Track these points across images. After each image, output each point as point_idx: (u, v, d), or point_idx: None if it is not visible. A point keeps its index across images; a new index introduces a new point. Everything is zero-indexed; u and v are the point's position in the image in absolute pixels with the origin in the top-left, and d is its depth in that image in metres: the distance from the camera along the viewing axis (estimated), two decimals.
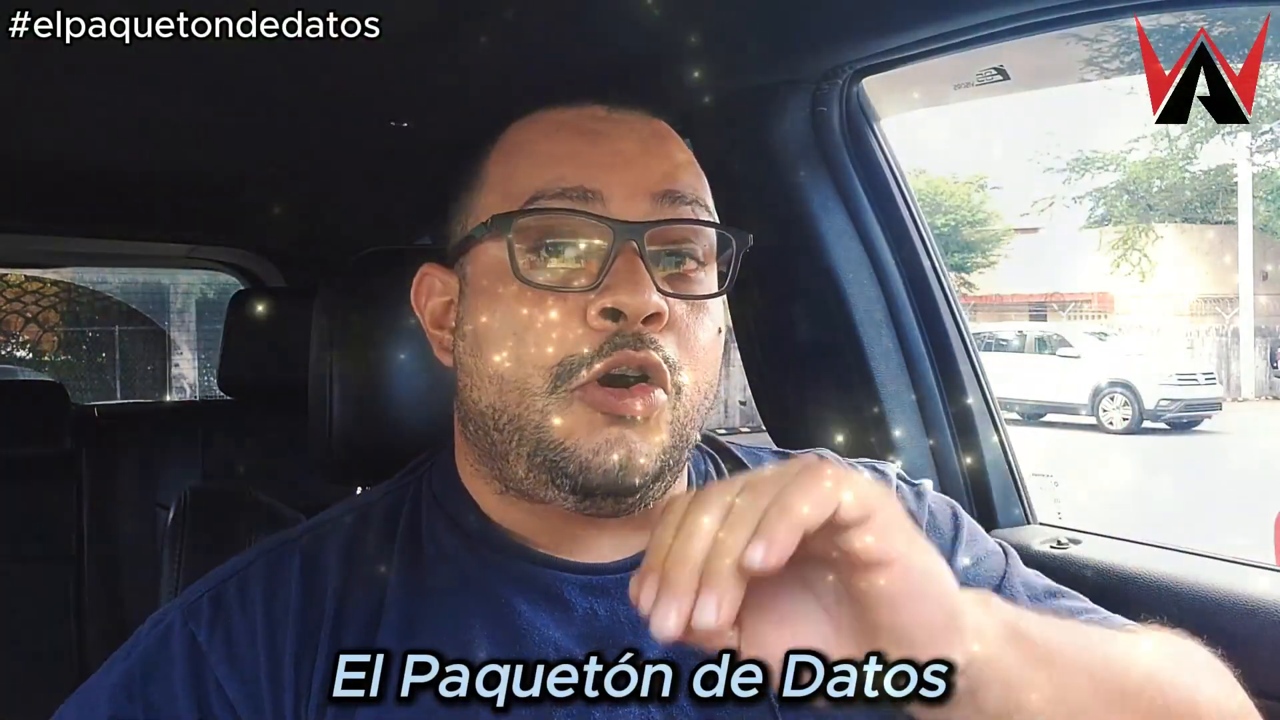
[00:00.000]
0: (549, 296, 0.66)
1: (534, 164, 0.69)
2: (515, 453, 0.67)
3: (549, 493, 0.66)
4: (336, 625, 0.67)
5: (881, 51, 1.10)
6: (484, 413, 0.68)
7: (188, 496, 1.14)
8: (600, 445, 0.65)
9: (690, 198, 0.70)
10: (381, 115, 1.40)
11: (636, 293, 0.64)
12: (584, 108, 0.72)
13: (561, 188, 0.67)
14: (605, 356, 0.64)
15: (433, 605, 0.68)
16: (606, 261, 0.65)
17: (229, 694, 0.64)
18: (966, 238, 18.83)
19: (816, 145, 1.22)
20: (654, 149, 0.71)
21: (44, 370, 10.10)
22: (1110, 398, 12.49)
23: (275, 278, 2.69)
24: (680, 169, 0.71)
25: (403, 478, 0.78)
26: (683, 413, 0.68)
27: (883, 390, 1.21)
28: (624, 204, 0.67)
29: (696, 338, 0.68)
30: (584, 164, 0.68)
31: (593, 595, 0.69)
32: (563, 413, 0.65)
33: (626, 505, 0.67)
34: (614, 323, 0.65)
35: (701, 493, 0.53)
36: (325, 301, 0.98)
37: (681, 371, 0.67)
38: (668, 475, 0.68)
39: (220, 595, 0.68)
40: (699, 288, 0.69)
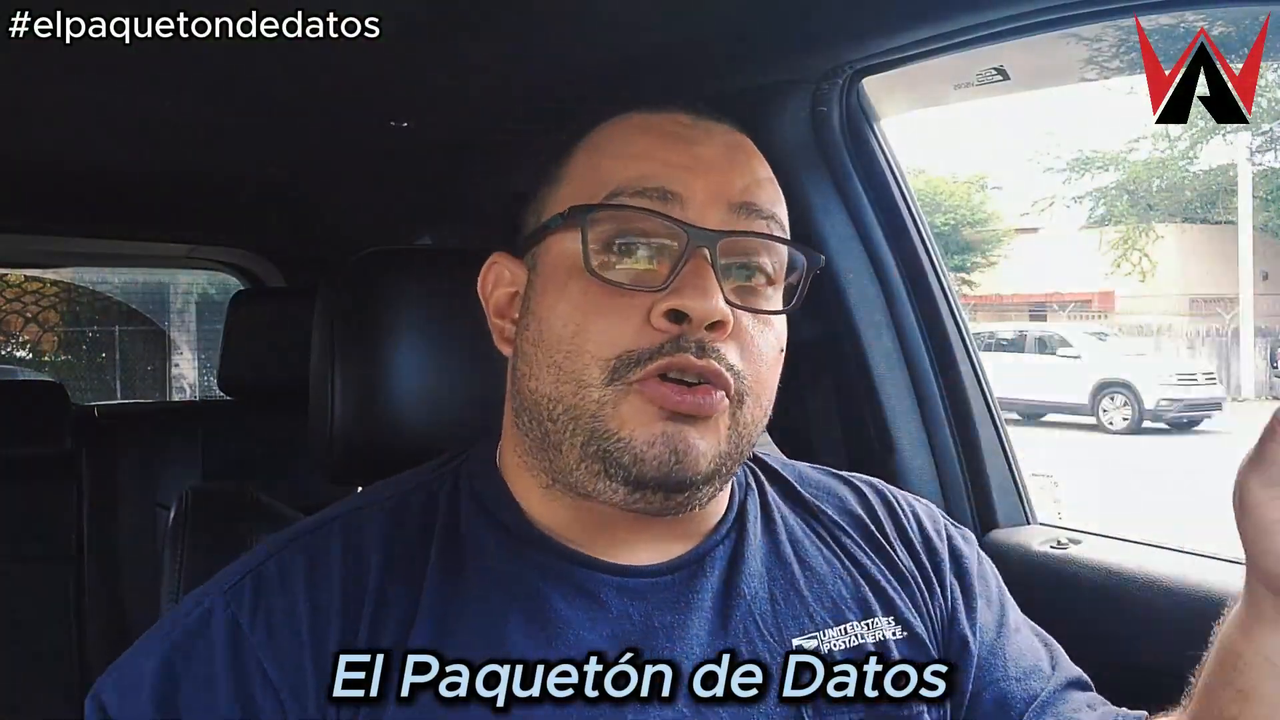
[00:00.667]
0: (616, 292, 0.66)
1: (616, 160, 0.70)
2: (569, 442, 0.67)
3: (600, 484, 0.66)
4: (377, 616, 0.66)
5: (881, 51, 1.10)
6: (539, 402, 0.68)
7: (188, 496, 1.14)
8: (656, 437, 0.65)
9: (767, 213, 0.70)
10: (381, 115, 1.40)
11: (703, 298, 0.64)
12: (671, 113, 0.73)
13: (642, 186, 0.68)
14: (665, 355, 0.65)
15: (469, 599, 0.68)
16: (677, 265, 0.66)
17: (272, 677, 0.64)
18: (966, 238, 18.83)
19: (816, 145, 1.22)
20: (737, 160, 0.72)
21: (44, 370, 10.08)
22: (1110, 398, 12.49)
23: (275, 278, 2.69)
24: (760, 184, 0.72)
25: (438, 468, 0.77)
26: (742, 423, 0.68)
27: (883, 390, 1.21)
28: (702, 210, 0.67)
29: (761, 351, 0.68)
30: (666, 165, 0.69)
31: (628, 597, 0.69)
32: (618, 404, 0.65)
33: (675, 502, 0.67)
34: (678, 325, 0.65)
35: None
36: (325, 301, 0.98)
37: (744, 380, 0.67)
38: (718, 480, 0.68)
39: (261, 577, 0.68)
40: (766, 303, 0.70)
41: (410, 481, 0.76)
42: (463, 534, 0.71)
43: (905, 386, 1.22)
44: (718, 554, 0.72)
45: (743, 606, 0.70)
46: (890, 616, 0.73)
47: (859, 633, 0.71)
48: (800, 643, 0.70)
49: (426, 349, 0.92)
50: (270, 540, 0.72)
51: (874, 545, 0.77)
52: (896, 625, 0.73)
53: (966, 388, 1.23)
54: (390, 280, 0.95)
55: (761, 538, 0.74)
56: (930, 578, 0.77)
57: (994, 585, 0.80)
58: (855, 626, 0.72)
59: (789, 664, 0.68)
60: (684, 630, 0.68)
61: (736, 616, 0.70)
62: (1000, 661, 0.75)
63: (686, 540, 0.72)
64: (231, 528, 1.09)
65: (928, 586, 0.76)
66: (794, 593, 0.72)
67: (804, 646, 0.69)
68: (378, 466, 0.85)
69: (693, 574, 0.71)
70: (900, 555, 0.77)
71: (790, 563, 0.74)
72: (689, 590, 0.70)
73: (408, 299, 0.93)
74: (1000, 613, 0.78)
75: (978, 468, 1.22)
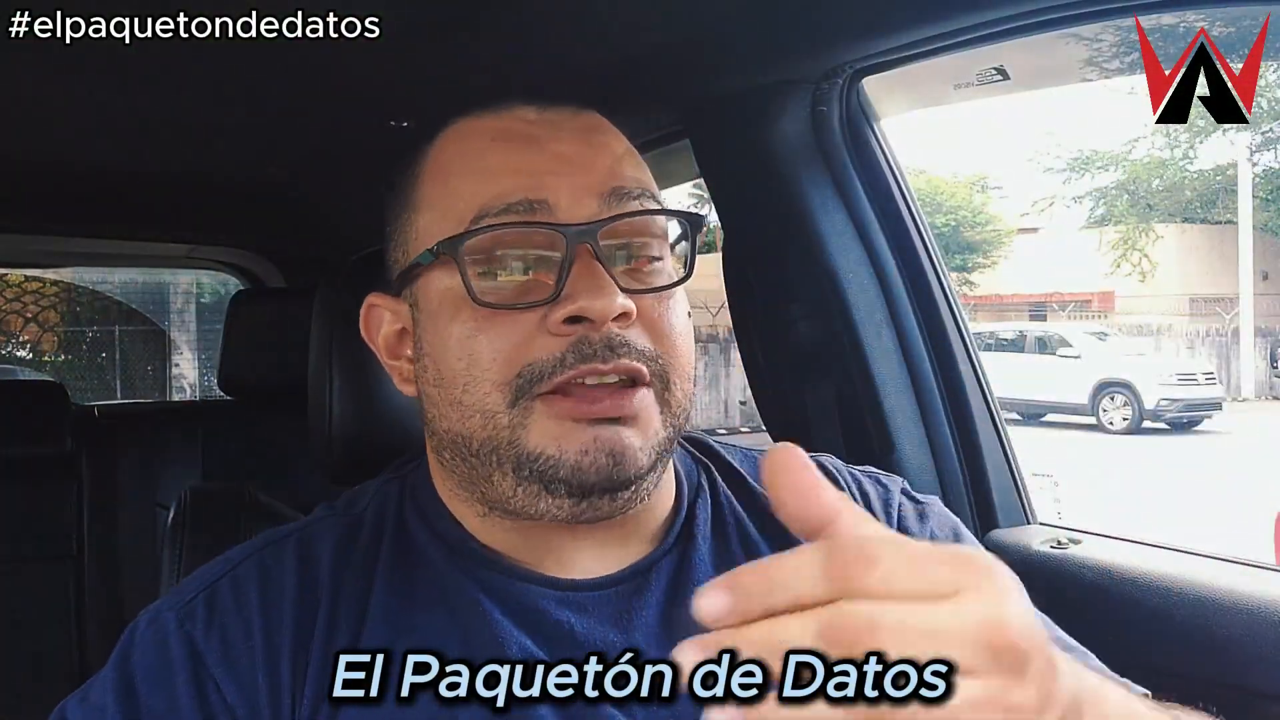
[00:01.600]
0: (506, 314, 0.64)
1: (473, 180, 0.67)
2: (499, 472, 0.66)
3: (543, 503, 0.65)
4: (330, 628, 0.66)
5: (881, 51, 1.10)
6: (456, 441, 0.67)
7: (188, 496, 1.14)
8: (588, 444, 0.64)
9: (637, 190, 0.68)
10: (381, 115, 1.40)
11: (600, 295, 0.63)
12: (512, 110, 0.70)
13: (506, 203, 0.65)
14: (570, 367, 0.63)
15: (415, 612, 0.67)
16: (563, 269, 0.64)
17: (227, 696, 0.64)
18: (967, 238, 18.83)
19: (816, 145, 1.22)
20: (594, 145, 0.69)
21: (44, 370, 10.09)
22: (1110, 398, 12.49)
23: (275, 278, 2.69)
24: (621, 162, 0.69)
25: (390, 475, 0.77)
26: (675, 403, 0.67)
27: (883, 390, 1.21)
28: (571, 209, 0.65)
29: (670, 325, 0.67)
30: (525, 174, 0.66)
31: (570, 611, 0.68)
32: (528, 424, 0.64)
33: (622, 500, 0.66)
34: (579, 326, 0.63)
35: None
36: (325, 301, 0.98)
37: (661, 360, 0.66)
38: (660, 466, 0.67)
39: (214, 596, 0.68)
40: (661, 278, 0.68)
41: (366, 491, 0.75)
42: (410, 546, 0.71)
43: (905, 386, 1.22)
44: (664, 565, 0.71)
45: (685, 620, 0.70)
46: None
47: None
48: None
49: None
50: (231, 552, 0.71)
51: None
52: None
53: (966, 388, 1.23)
54: None
55: (711, 542, 0.73)
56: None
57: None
58: None
59: (789, 664, 0.68)
60: (628, 647, 0.67)
61: (681, 629, 0.69)
62: None
63: (632, 547, 0.71)
64: (231, 528, 1.09)
65: None
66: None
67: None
68: (377, 466, 0.85)
69: (638, 587, 0.70)
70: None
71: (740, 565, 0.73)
72: (633, 605, 0.69)
73: None
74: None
75: (978, 468, 1.22)
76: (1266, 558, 2.22)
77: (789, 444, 0.46)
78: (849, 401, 1.23)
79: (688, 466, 0.77)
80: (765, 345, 1.30)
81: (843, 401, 1.24)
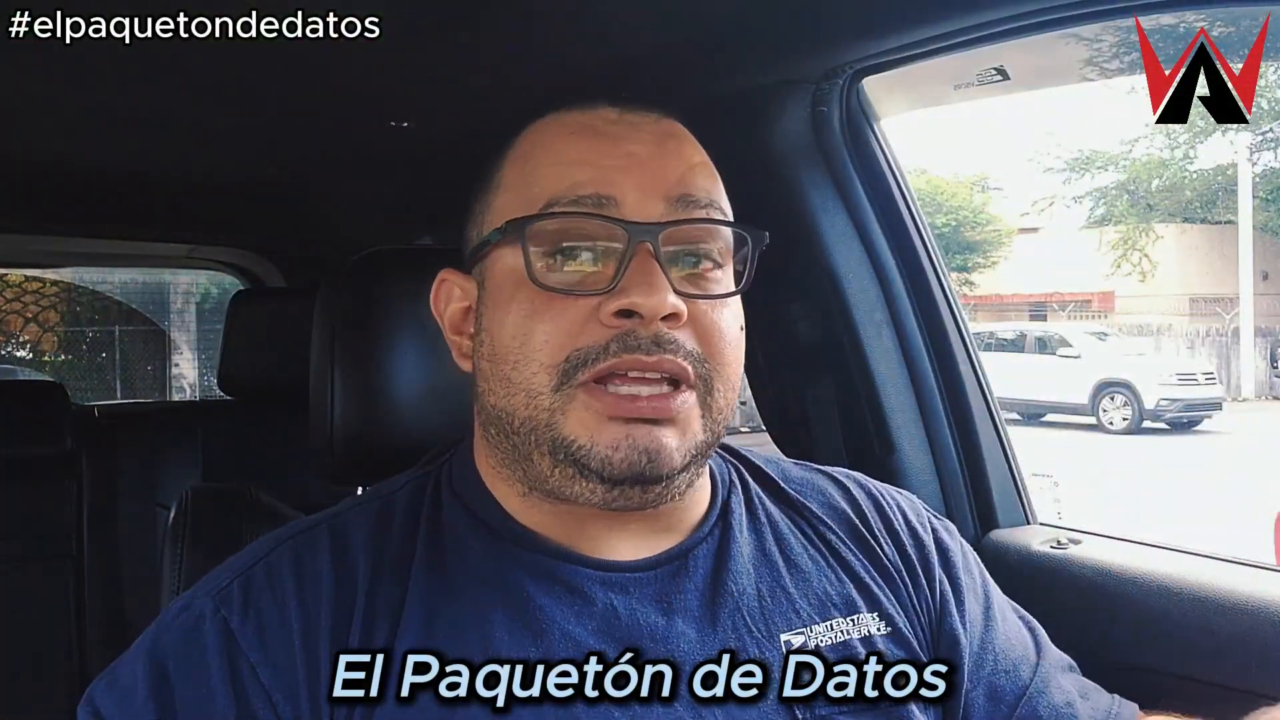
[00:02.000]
0: (564, 298, 0.66)
1: (549, 169, 0.70)
2: (538, 452, 0.67)
3: (577, 486, 0.67)
4: (369, 615, 0.66)
5: (881, 51, 1.10)
6: (500, 417, 0.69)
7: (188, 496, 1.14)
8: (619, 440, 0.65)
9: (705, 200, 0.70)
10: (381, 115, 1.40)
11: (652, 293, 0.64)
12: (596, 109, 0.72)
13: (576, 195, 0.67)
14: (614, 356, 0.65)
15: (454, 598, 0.68)
16: (622, 263, 0.66)
17: (264, 680, 0.64)
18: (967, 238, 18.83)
19: (816, 145, 1.22)
20: (668, 150, 0.71)
21: (44, 370, 10.09)
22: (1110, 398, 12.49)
23: (275, 278, 2.69)
24: (694, 171, 0.71)
25: (424, 467, 0.78)
26: (716, 408, 0.68)
27: (883, 390, 1.21)
28: (638, 207, 0.67)
29: (721, 333, 0.68)
30: (598, 169, 0.68)
31: (612, 591, 0.69)
32: (566, 410, 0.66)
33: (654, 493, 0.67)
34: (629, 321, 0.65)
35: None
36: (325, 301, 0.98)
37: (707, 364, 0.67)
38: (694, 467, 0.68)
39: (250, 581, 0.68)
40: (717, 287, 0.70)
41: (398, 483, 0.76)
42: (447, 533, 0.71)
43: (905, 386, 1.22)
44: (701, 551, 0.72)
45: (730, 604, 0.70)
46: (875, 613, 0.73)
47: (845, 629, 0.72)
48: (788, 638, 0.70)
49: (427, 349, 0.91)
50: (258, 543, 0.72)
51: (859, 541, 0.77)
52: (881, 621, 0.73)
53: (966, 388, 1.22)
54: (390, 280, 0.95)
55: (748, 535, 0.75)
56: (917, 572, 0.77)
57: (978, 575, 0.80)
58: (841, 623, 0.72)
59: (789, 664, 0.68)
60: (670, 629, 0.68)
61: (725, 613, 0.70)
62: (990, 655, 0.76)
63: (669, 536, 0.72)
64: (231, 528, 1.09)
65: (914, 582, 0.76)
66: (780, 590, 0.72)
67: (792, 642, 0.69)
68: (378, 466, 0.85)
69: (676, 570, 0.71)
70: (886, 550, 0.77)
71: (776, 560, 0.74)
72: (673, 587, 0.70)
73: (408, 299, 0.93)
74: (985, 603, 0.78)
75: (978, 468, 1.22)
76: (1267, 558, 2.21)
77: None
78: (849, 401, 1.23)
79: (719, 465, 0.79)
80: (765, 345, 1.30)
81: (843, 401, 1.24)
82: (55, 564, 2.01)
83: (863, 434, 1.22)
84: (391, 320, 0.93)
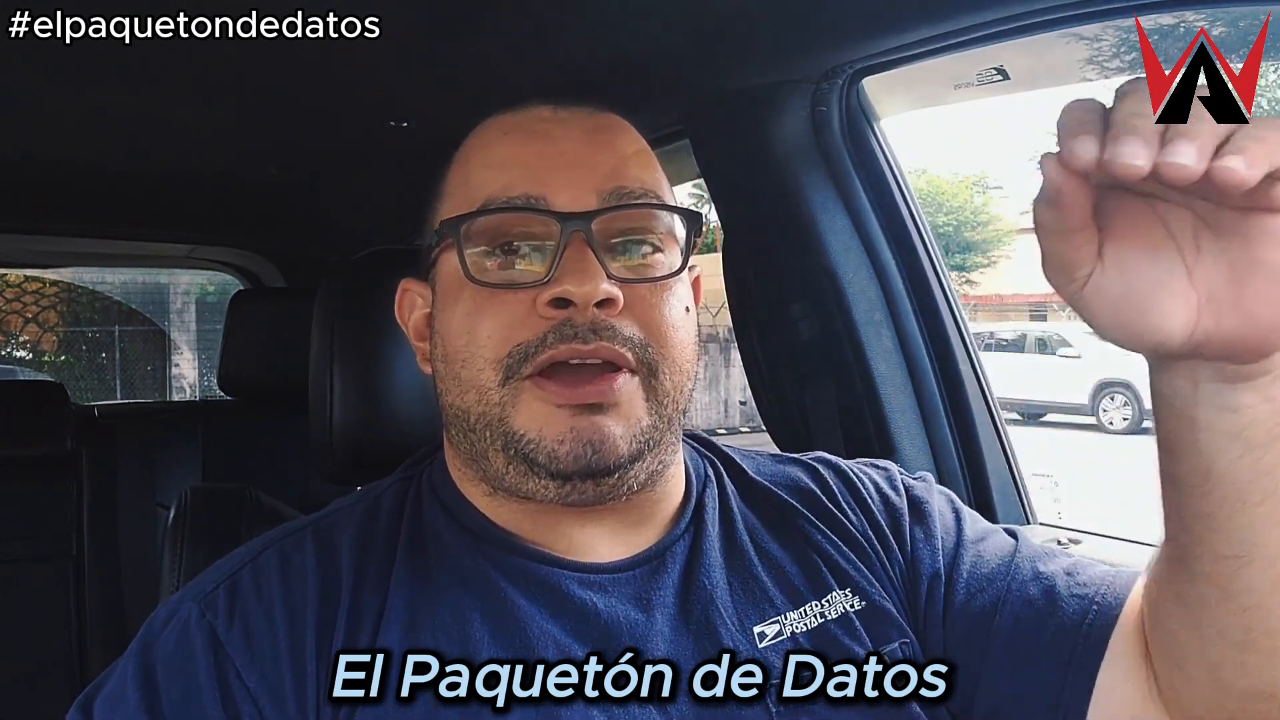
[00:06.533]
0: (503, 293, 0.67)
1: (483, 171, 0.70)
2: (492, 448, 0.68)
3: (530, 483, 0.67)
4: (351, 617, 0.67)
5: (881, 51, 1.10)
6: (459, 416, 0.69)
7: (188, 496, 1.14)
8: (565, 434, 0.65)
9: (639, 190, 0.69)
10: (381, 115, 1.41)
11: (585, 281, 0.65)
12: (531, 109, 0.73)
13: (507, 195, 0.68)
14: (551, 347, 0.65)
15: (435, 599, 0.68)
16: (556, 255, 0.66)
17: (250, 687, 0.64)
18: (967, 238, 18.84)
19: (816, 145, 1.22)
20: (599, 144, 0.71)
21: (44, 370, 10.10)
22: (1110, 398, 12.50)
23: (275, 278, 2.69)
24: (627, 163, 0.71)
25: (406, 470, 0.78)
26: (662, 391, 0.68)
27: (883, 390, 1.21)
28: (570, 205, 0.68)
29: (663, 316, 0.68)
30: (529, 168, 0.69)
31: (590, 591, 0.69)
32: (517, 404, 0.66)
33: (608, 487, 0.67)
34: (564, 311, 0.65)
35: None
36: (325, 301, 0.98)
37: (649, 349, 0.67)
38: (648, 455, 0.68)
39: (236, 585, 0.68)
40: (658, 270, 0.70)
41: (383, 485, 0.77)
42: (428, 534, 0.72)
43: (905, 386, 1.22)
44: (678, 549, 0.73)
45: (703, 598, 0.70)
46: (846, 588, 0.73)
47: (819, 611, 0.71)
48: (762, 629, 0.70)
49: None
50: (247, 546, 0.72)
51: (826, 518, 0.76)
52: (854, 596, 0.73)
53: (966, 388, 1.23)
54: (390, 280, 0.95)
55: (719, 528, 0.75)
56: (887, 535, 0.76)
57: (950, 515, 0.79)
58: (814, 606, 0.72)
59: (789, 664, 0.68)
60: (650, 626, 0.68)
61: (697, 609, 0.70)
62: (962, 581, 0.74)
63: (645, 533, 0.73)
64: (231, 528, 1.09)
65: (884, 546, 0.76)
66: (752, 580, 0.72)
67: (766, 633, 0.70)
68: (378, 466, 0.85)
69: (655, 569, 0.71)
70: (853, 520, 0.77)
71: (748, 551, 0.74)
72: (651, 586, 0.70)
73: None
74: (957, 536, 0.77)
75: (978, 468, 1.22)
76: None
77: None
78: (849, 401, 1.23)
79: (694, 460, 0.79)
80: (765, 345, 1.30)
81: (843, 401, 1.24)
82: (55, 564, 2.01)
83: (863, 434, 1.22)
84: (391, 320, 0.93)
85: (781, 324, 1.28)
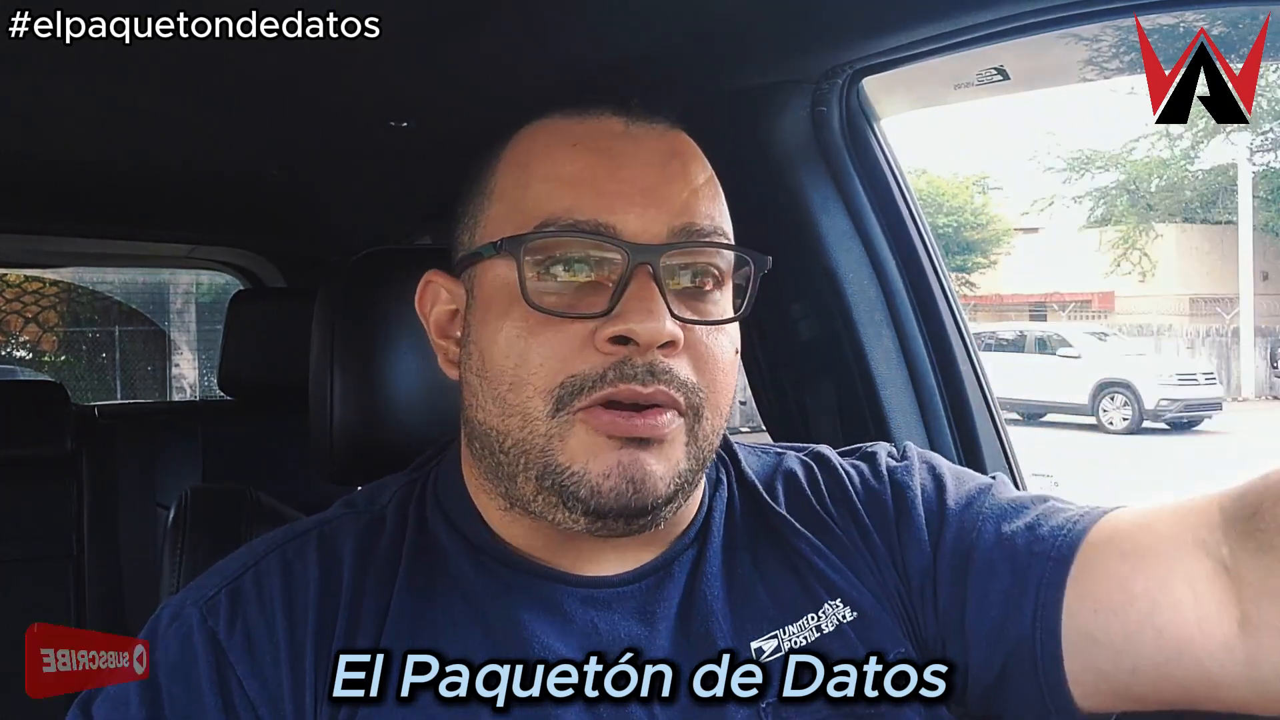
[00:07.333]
0: (558, 320, 0.64)
1: (544, 185, 0.67)
2: (524, 475, 0.66)
3: (559, 514, 0.65)
4: (350, 624, 0.67)
5: (881, 51, 1.10)
6: (488, 434, 0.67)
7: (188, 496, 1.14)
8: (611, 469, 0.63)
9: (709, 229, 0.68)
10: (381, 115, 1.40)
11: (650, 319, 0.62)
12: (600, 118, 0.70)
13: (574, 219, 0.65)
14: (610, 385, 0.63)
15: (436, 610, 0.68)
16: (620, 285, 0.64)
17: (250, 693, 0.64)
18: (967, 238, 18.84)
19: (816, 145, 1.22)
20: (673, 174, 0.68)
21: (44, 370, 10.09)
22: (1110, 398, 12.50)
23: (275, 278, 2.69)
24: (698, 195, 0.68)
25: (413, 472, 0.77)
26: (702, 436, 0.67)
27: (883, 390, 1.21)
28: (638, 236, 0.65)
29: (715, 360, 0.67)
30: (598, 194, 0.66)
31: (593, 608, 0.69)
32: (565, 436, 0.64)
33: (638, 525, 0.66)
34: (624, 348, 0.63)
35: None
36: (325, 301, 0.98)
37: (699, 393, 0.66)
38: (680, 498, 0.67)
39: (237, 591, 0.68)
40: (715, 307, 0.68)
41: (388, 487, 0.76)
42: (431, 545, 0.71)
43: (905, 386, 1.22)
44: (684, 559, 0.72)
45: (703, 610, 0.70)
46: (838, 599, 0.72)
47: (816, 624, 0.71)
48: (760, 645, 0.69)
49: (426, 348, 0.91)
50: (249, 547, 0.72)
51: (816, 525, 0.75)
52: (845, 607, 0.72)
53: (966, 388, 1.22)
54: (390, 280, 0.95)
55: (722, 537, 0.74)
56: (875, 543, 0.74)
57: (932, 490, 0.76)
58: (810, 619, 0.71)
59: (789, 663, 0.68)
60: (653, 639, 0.68)
61: (696, 621, 0.69)
62: (945, 559, 0.73)
63: (652, 548, 0.72)
64: (231, 528, 1.09)
65: (873, 554, 0.74)
66: (750, 593, 0.72)
67: (764, 649, 0.69)
68: (378, 466, 0.85)
69: (659, 581, 0.70)
70: (840, 524, 0.75)
71: (746, 562, 0.73)
72: (655, 599, 0.70)
73: (408, 299, 0.93)
74: (941, 516, 0.75)
75: (978, 468, 1.22)
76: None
77: None
78: (849, 401, 1.23)
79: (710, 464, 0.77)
80: (765, 345, 1.30)
81: (843, 401, 1.24)
82: (55, 564, 2.01)
83: (863, 434, 1.22)
84: (391, 320, 0.93)
85: (781, 324, 1.28)
